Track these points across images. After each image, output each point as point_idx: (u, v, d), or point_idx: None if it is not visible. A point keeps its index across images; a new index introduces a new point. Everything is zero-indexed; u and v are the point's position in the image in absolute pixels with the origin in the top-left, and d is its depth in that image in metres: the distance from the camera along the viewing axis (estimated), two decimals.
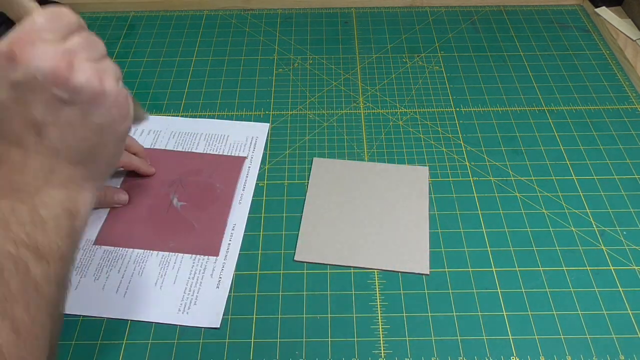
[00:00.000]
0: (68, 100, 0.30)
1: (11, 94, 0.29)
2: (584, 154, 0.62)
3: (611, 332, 0.47)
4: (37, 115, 0.29)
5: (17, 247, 0.28)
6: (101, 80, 0.31)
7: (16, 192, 0.29)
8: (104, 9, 0.85)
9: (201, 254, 0.53)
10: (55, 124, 0.30)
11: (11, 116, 0.29)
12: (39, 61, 0.29)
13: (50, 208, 0.30)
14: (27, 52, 0.29)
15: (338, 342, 0.47)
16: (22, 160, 0.30)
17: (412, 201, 0.57)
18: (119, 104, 0.33)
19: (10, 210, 0.28)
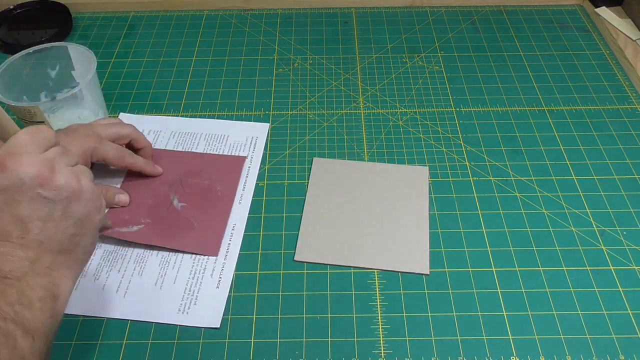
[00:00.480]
0: (51, 198, 0.35)
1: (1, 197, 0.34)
2: (584, 154, 0.62)
3: (611, 332, 0.47)
4: (24, 212, 0.35)
5: (6, 322, 0.32)
6: (78, 179, 0.37)
7: (4, 279, 0.33)
8: (104, 9, 0.85)
9: (201, 254, 0.53)
10: (39, 219, 0.35)
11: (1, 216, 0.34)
12: (25, 167, 0.34)
13: (35, 290, 0.34)
14: (15, 161, 0.34)
15: (338, 342, 0.47)
16: (8, 251, 0.34)
17: (412, 201, 0.57)
18: (94, 198, 0.38)
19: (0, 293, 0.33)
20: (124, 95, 0.71)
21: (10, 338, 0.32)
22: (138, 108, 0.69)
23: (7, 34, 0.80)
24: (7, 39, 0.79)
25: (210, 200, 0.57)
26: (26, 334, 0.33)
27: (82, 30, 0.82)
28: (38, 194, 0.35)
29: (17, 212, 0.34)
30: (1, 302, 0.32)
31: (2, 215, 0.34)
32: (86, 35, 0.81)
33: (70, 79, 0.65)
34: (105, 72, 0.74)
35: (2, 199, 0.34)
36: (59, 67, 0.65)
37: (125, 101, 0.70)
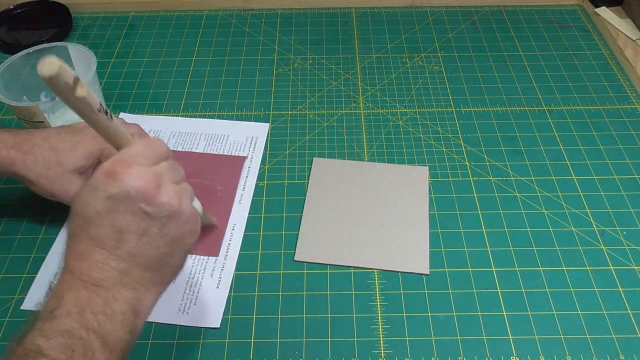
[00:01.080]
0: (151, 214, 0.36)
1: (106, 204, 0.35)
2: (584, 154, 0.62)
3: (611, 332, 0.47)
4: (123, 224, 0.35)
5: (88, 333, 0.32)
6: (180, 200, 0.37)
7: (94, 286, 0.34)
8: (104, 9, 0.85)
9: (201, 254, 0.53)
10: (135, 232, 0.35)
11: (102, 222, 0.35)
12: (133, 180, 0.35)
13: (120, 303, 0.35)
14: (125, 172, 0.35)
15: (338, 342, 0.47)
16: (102, 260, 0.35)
17: (412, 201, 0.57)
18: (191, 221, 0.38)
19: (87, 300, 0.33)
20: (124, 95, 0.71)
21: (89, 350, 0.32)
22: (138, 108, 0.69)
23: (7, 34, 0.80)
24: (7, 39, 0.79)
25: (210, 200, 0.57)
26: (105, 347, 0.33)
27: (82, 30, 0.82)
28: (140, 208, 0.35)
29: (117, 222, 0.35)
30: (87, 311, 0.33)
31: (102, 222, 0.35)
32: (86, 35, 0.81)
33: None
34: (105, 72, 0.74)
35: (107, 207, 0.35)
36: None
37: (125, 101, 0.70)
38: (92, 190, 0.35)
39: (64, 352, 0.31)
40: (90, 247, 0.35)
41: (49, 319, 0.32)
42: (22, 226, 0.56)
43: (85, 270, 0.34)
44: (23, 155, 0.49)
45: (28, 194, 0.58)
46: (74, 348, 0.31)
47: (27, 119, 0.58)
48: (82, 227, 0.35)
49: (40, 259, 0.53)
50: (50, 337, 0.31)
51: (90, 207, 0.35)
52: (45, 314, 0.32)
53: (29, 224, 0.56)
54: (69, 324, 0.32)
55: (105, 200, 0.35)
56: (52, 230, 0.55)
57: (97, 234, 0.35)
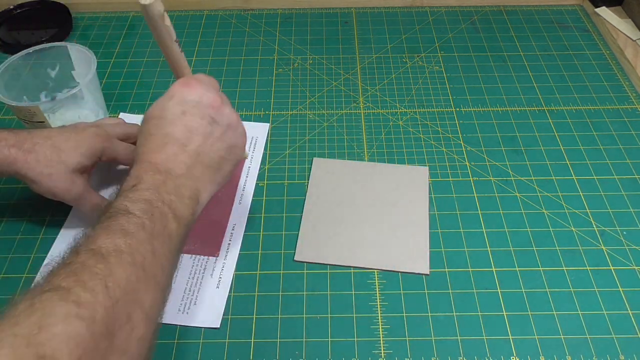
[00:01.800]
0: (216, 120, 0.43)
1: (181, 107, 0.42)
2: (584, 154, 0.62)
3: (611, 332, 0.47)
4: (193, 125, 0.42)
5: (163, 205, 0.38)
6: (238, 117, 0.46)
7: (167, 172, 0.40)
8: (104, 9, 0.85)
9: (201, 254, 0.53)
10: (202, 134, 0.42)
11: (176, 122, 0.42)
12: (204, 92, 0.44)
13: (187, 189, 0.41)
14: (199, 84, 0.44)
15: (338, 342, 0.47)
16: (174, 153, 0.41)
17: (412, 201, 0.57)
18: (243, 134, 0.46)
19: (162, 182, 0.39)
20: (124, 95, 0.71)
21: (164, 217, 0.37)
22: (138, 108, 0.69)
23: (7, 34, 0.80)
24: (7, 39, 0.79)
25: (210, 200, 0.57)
26: (175, 218, 0.38)
27: (82, 30, 0.82)
28: (208, 114, 0.43)
29: (189, 124, 0.42)
30: (162, 189, 0.38)
31: (177, 122, 0.42)
32: (86, 35, 0.81)
33: (70, 79, 0.65)
34: (105, 72, 0.74)
35: (181, 109, 0.42)
36: (59, 67, 0.65)
37: (125, 101, 0.70)
38: (170, 97, 0.43)
39: (146, 214, 0.36)
40: (164, 142, 0.41)
41: (131, 191, 0.38)
42: (22, 226, 0.56)
43: (160, 160, 0.40)
44: (24, 154, 0.49)
45: (28, 194, 0.58)
46: (153, 212, 0.37)
47: (27, 119, 0.58)
48: (158, 127, 0.42)
49: (40, 259, 0.53)
50: (135, 202, 0.37)
51: (167, 110, 0.42)
52: (127, 187, 0.38)
53: (29, 224, 0.56)
54: (148, 195, 0.37)
55: (181, 104, 0.42)
56: (52, 231, 0.55)
57: (172, 132, 0.41)
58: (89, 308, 0.29)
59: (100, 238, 0.34)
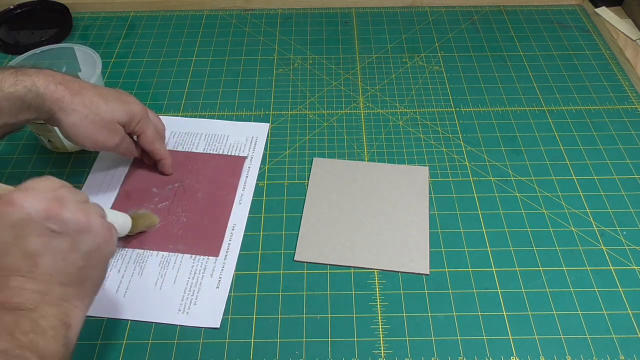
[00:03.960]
0: (59, 231, 0.36)
1: (11, 232, 0.35)
2: (584, 154, 0.62)
3: (611, 332, 0.47)
4: (33, 247, 0.35)
5: (23, 350, 0.33)
6: (87, 214, 0.38)
7: (17, 310, 0.34)
8: (104, 9, 0.85)
9: (201, 254, 0.53)
10: (48, 252, 0.36)
11: (10, 250, 0.35)
12: (32, 203, 0.36)
13: (48, 320, 0.35)
14: (23, 198, 0.36)
15: (338, 342, 0.47)
16: (20, 285, 0.35)
17: (412, 201, 0.57)
18: (103, 232, 0.39)
19: (15, 323, 0.34)
20: None
21: None
22: None
23: (7, 34, 0.80)
24: (7, 39, 0.79)
25: (210, 200, 0.57)
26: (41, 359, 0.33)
27: (82, 30, 0.82)
28: (46, 228, 0.36)
29: (27, 247, 0.35)
30: (16, 332, 0.33)
31: (12, 250, 0.35)
32: (86, 35, 0.81)
33: None
34: (105, 72, 0.74)
35: (12, 234, 0.35)
36: (65, 68, 0.65)
37: None
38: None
39: None
40: (5, 277, 0.35)
41: None
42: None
43: (5, 298, 0.34)
44: (71, 95, 0.47)
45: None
46: None
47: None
48: None
49: None
50: None
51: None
52: None
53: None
54: (2, 345, 0.32)
55: (9, 228, 0.35)
56: None
57: (8, 263, 0.35)
58: None
59: None
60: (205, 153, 0.62)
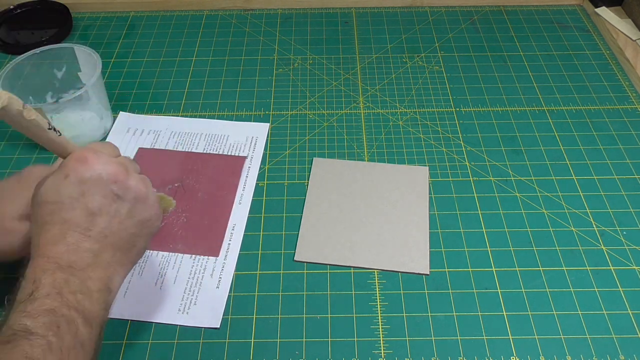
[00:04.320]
0: (121, 196, 0.38)
1: (79, 188, 0.37)
2: (584, 154, 0.62)
3: (611, 332, 0.47)
4: (95, 205, 0.37)
5: (70, 310, 0.33)
6: (146, 186, 0.40)
7: (69, 268, 0.35)
8: (104, 9, 0.85)
9: (201, 254, 0.53)
10: (107, 214, 0.38)
11: (75, 206, 0.37)
12: (104, 165, 0.38)
13: (94, 282, 0.36)
14: (96, 158, 0.38)
15: (338, 342, 0.47)
16: (76, 242, 0.36)
17: (412, 201, 0.57)
18: (155, 206, 0.41)
19: (64, 281, 0.34)
20: (124, 95, 0.71)
21: (72, 325, 0.33)
22: (138, 108, 0.69)
23: (7, 34, 0.80)
24: (7, 39, 0.79)
25: (210, 200, 0.57)
26: (86, 322, 0.34)
27: (82, 30, 0.82)
28: (111, 191, 0.38)
29: (90, 205, 0.37)
30: (65, 291, 0.34)
31: (76, 206, 0.37)
32: (86, 35, 0.81)
33: (76, 80, 0.66)
34: (105, 72, 0.74)
35: (80, 190, 0.37)
36: (65, 68, 0.65)
37: (125, 101, 0.70)
38: (64, 177, 0.37)
39: (50, 329, 0.32)
40: (63, 231, 0.36)
41: (29, 301, 0.33)
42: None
43: (59, 253, 0.35)
44: None
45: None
46: (59, 324, 0.32)
47: None
48: (54, 213, 0.36)
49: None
50: (35, 317, 0.32)
51: (63, 193, 0.37)
52: (23, 297, 0.33)
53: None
54: (50, 304, 0.33)
55: (78, 184, 0.37)
56: None
57: (71, 217, 0.36)
58: None
59: None
60: (205, 153, 0.62)
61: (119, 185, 0.38)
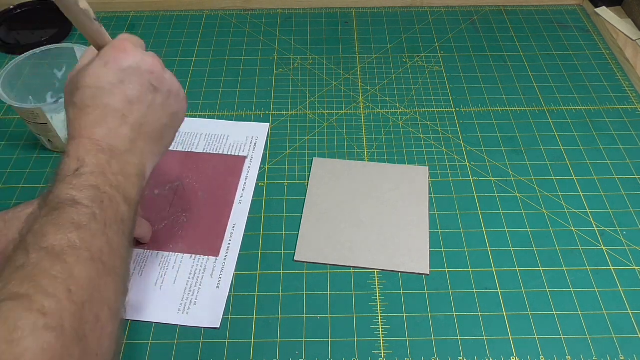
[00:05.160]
0: (157, 87, 0.40)
1: (119, 75, 0.38)
2: (584, 154, 0.62)
3: (611, 332, 0.47)
4: (134, 94, 0.39)
5: (112, 188, 0.35)
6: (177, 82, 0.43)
7: (111, 150, 0.37)
8: (104, 9, 0.85)
9: (201, 254, 0.53)
10: (144, 102, 0.39)
11: (114, 92, 0.38)
12: (142, 56, 0.40)
13: (133, 167, 0.38)
14: (135, 49, 0.40)
15: (338, 342, 0.47)
16: (115, 127, 0.38)
17: (412, 201, 0.57)
18: (184, 101, 0.44)
19: (107, 162, 0.36)
20: None
21: (114, 203, 0.35)
22: None
23: (7, 34, 0.80)
24: (7, 39, 0.79)
25: (210, 200, 0.57)
26: (125, 201, 0.36)
27: None
28: (148, 81, 0.40)
29: (128, 92, 0.38)
30: (107, 171, 0.36)
31: (115, 92, 0.38)
32: None
33: None
34: None
35: (119, 78, 0.38)
36: (65, 68, 0.65)
37: None
38: (104, 64, 0.38)
39: (95, 202, 0.34)
40: (103, 115, 0.38)
41: (74, 176, 0.34)
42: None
43: (100, 136, 0.37)
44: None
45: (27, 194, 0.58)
46: (102, 199, 0.34)
47: (30, 120, 0.58)
48: (95, 97, 0.38)
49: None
50: (81, 190, 0.34)
51: (103, 79, 0.38)
52: (68, 172, 0.35)
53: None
54: (94, 180, 0.35)
55: (119, 71, 0.38)
56: None
57: (111, 102, 0.38)
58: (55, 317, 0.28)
59: (51, 234, 0.31)
60: (205, 153, 0.62)
61: (156, 76, 0.40)
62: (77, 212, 0.33)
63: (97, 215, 0.33)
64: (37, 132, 0.61)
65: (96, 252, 0.32)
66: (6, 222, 0.44)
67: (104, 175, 0.35)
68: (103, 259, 0.32)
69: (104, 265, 0.32)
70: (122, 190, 0.36)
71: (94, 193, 0.34)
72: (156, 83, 0.40)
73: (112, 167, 0.36)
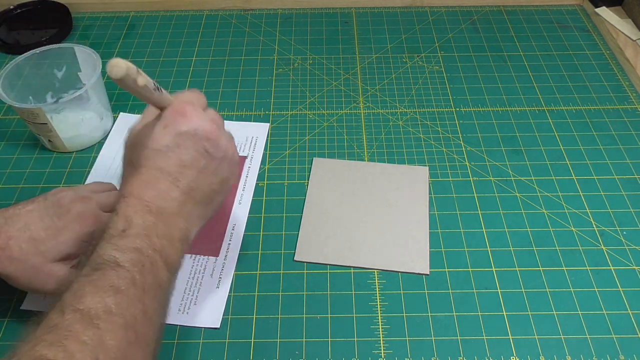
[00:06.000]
0: (211, 153, 0.40)
1: (175, 140, 0.39)
2: (584, 154, 0.62)
3: (611, 332, 0.47)
4: (187, 158, 0.39)
5: (154, 252, 0.35)
6: (234, 147, 0.43)
7: (158, 213, 0.37)
8: (104, 9, 0.85)
9: (201, 254, 0.53)
10: (196, 168, 0.40)
11: (170, 155, 0.39)
12: (201, 121, 0.40)
13: (178, 231, 0.38)
14: (195, 113, 0.40)
15: (338, 342, 0.47)
16: (166, 190, 0.38)
17: (412, 201, 0.57)
18: (237, 166, 0.44)
19: (154, 224, 0.36)
20: (124, 95, 0.71)
21: (155, 267, 0.35)
22: (138, 108, 0.69)
23: (7, 34, 0.80)
24: (7, 39, 0.79)
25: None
26: (166, 266, 0.36)
27: (82, 30, 0.82)
28: (203, 146, 0.40)
29: (183, 157, 0.39)
30: (153, 234, 0.36)
31: (170, 155, 0.39)
32: (86, 35, 0.81)
33: (76, 80, 0.66)
34: (105, 72, 0.74)
35: (176, 142, 0.39)
36: (65, 68, 0.65)
37: (125, 101, 0.70)
38: (163, 126, 0.39)
39: (136, 266, 0.34)
40: (156, 177, 0.38)
41: (120, 237, 0.35)
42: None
43: (151, 197, 0.37)
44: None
45: (27, 194, 0.58)
46: (144, 263, 0.34)
47: (30, 120, 0.58)
48: (149, 158, 0.39)
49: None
50: (124, 251, 0.34)
51: (160, 142, 0.39)
52: (115, 231, 0.35)
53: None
54: (139, 243, 0.35)
55: (176, 135, 0.39)
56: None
57: (165, 165, 0.39)
58: None
59: (88, 296, 0.31)
60: None
61: (212, 142, 0.40)
62: (118, 275, 0.33)
63: (136, 280, 0.33)
64: (37, 132, 0.61)
65: (130, 319, 0.32)
66: (7, 218, 0.44)
67: (149, 237, 0.35)
68: (136, 327, 0.32)
69: (136, 333, 0.32)
70: (165, 255, 0.36)
71: (136, 256, 0.34)
72: (211, 149, 0.40)
73: (158, 230, 0.36)
